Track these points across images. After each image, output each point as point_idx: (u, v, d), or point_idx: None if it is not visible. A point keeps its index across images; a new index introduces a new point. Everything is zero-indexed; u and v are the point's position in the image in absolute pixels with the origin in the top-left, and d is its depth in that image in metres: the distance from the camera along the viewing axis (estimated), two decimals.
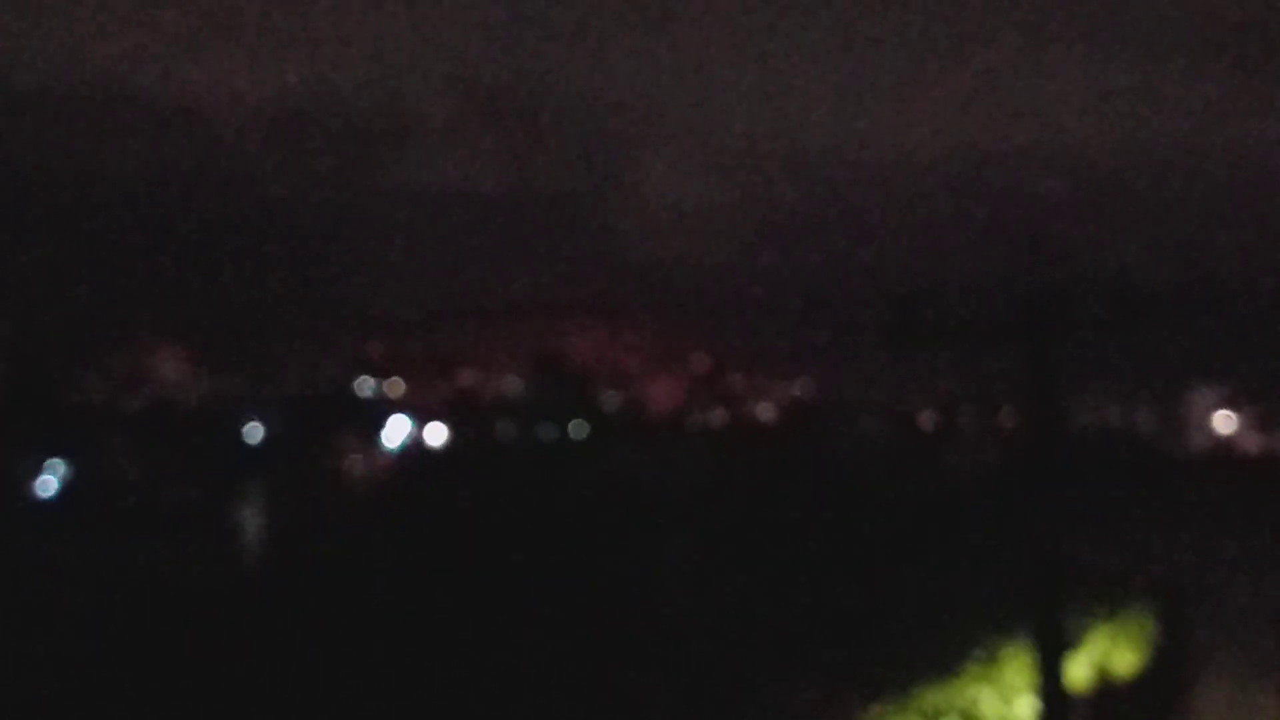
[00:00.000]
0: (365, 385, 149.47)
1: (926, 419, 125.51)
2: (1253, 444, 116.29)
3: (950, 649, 16.68)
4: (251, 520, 36.27)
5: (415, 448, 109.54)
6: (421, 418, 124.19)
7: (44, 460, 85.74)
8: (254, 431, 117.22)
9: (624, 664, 15.54)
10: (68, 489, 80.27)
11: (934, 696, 16.53)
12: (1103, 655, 17.93)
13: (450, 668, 15.35)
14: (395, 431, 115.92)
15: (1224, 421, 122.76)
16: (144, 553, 26.72)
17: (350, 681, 15.27)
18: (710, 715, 15.38)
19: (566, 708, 14.94)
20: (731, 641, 16.06)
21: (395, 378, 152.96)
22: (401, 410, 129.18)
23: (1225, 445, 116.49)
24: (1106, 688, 18.52)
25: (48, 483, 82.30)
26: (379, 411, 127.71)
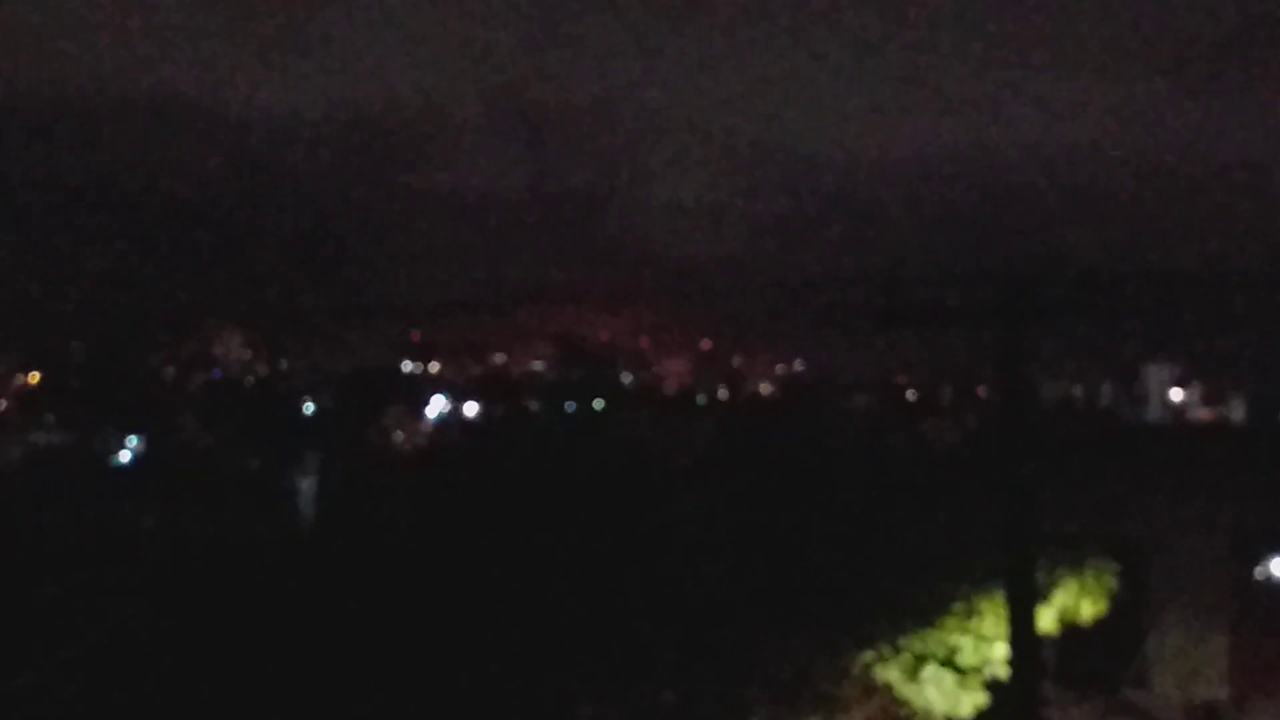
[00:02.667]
0: (408, 366, 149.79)
1: (911, 394, 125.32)
2: (1203, 415, 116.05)
3: (932, 602, 16.63)
4: (306, 485, 36.21)
5: (452, 421, 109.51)
6: (458, 395, 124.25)
7: (121, 432, 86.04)
8: (309, 407, 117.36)
9: (636, 612, 15.49)
10: (141, 458, 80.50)
11: (918, 644, 16.50)
12: (1069, 605, 17.87)
13: (481, 611, 15.33)
14: (434, 407, 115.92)
15: (1177, 395, 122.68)
16: (209, 515, 26.74)
17: (394, 619, 15.30)
18: (716, 661, 15.34)
19: (586, 649, 14.92)
20: (735, 594, 16.01)
21: (434, 360, 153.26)
22: (440, 389, 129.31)
23: (1178, 416, 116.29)
24: (1073, 634, 18.48)
25: (124, 451, 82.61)
26: (420, 389, 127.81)
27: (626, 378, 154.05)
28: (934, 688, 16.45)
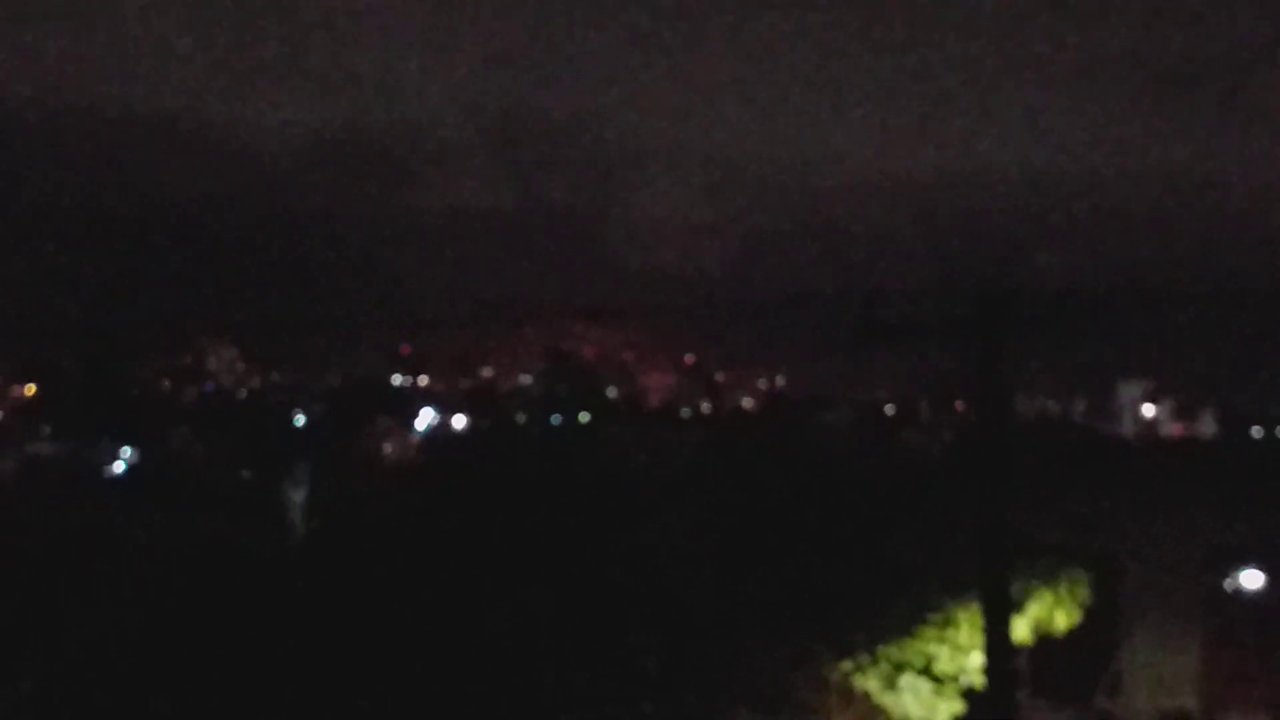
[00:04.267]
0: (398, 379, 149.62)
1: (890, 408, 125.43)
2: (1174, 430, 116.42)
3: (910, 612, 16.64)
4: (298, 496, 36.10)
5: (441, 433, 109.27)
6: (446, 408, 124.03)
7: (115, 443, 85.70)
8: (300, 419, 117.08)
9: (623, 623, 15.47)
10: (136, 468, 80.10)
11: (896, 653, 16.51)
12: (1043, 615, 17.90)
13: (471, 622, 15.30)
14: (423, 420, 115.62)
15: (1150, 411, 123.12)
16: (202, 524, 26.65)
17: (382, 628, 15.28)
18: (697, 670, 15.32)
19: (567, 658, 14.89)
20: (717, 604, 16.00)
21: (424, 374, 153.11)
22: (429, 401, 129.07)
23: (1151, 431, 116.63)
24: (1047, 643, 18.50)
25: (118, 462, 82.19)
26: (410, 402, 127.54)
27: (612, 391, 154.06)
28: (911, 696, 16.46)
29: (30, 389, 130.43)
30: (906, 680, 16.47)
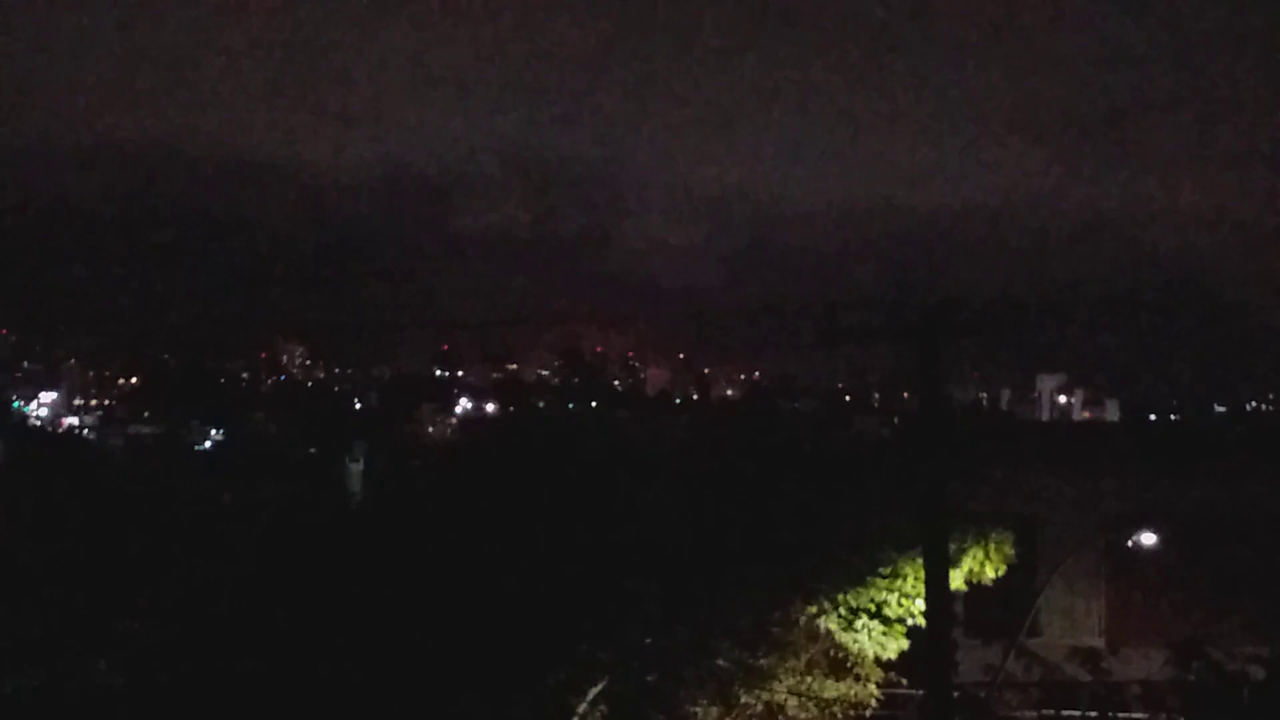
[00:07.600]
0: (439, 372, 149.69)
1: (847, 397, 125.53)
2: (1084, 415, 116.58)
3: (864, 565, 16.63)
4: (355, 468, 36.04)
5: (475, 417, 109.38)
6: (479, 396, 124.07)
7: (205, 424, 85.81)
8: (357, 404, 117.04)
9: (626, 572, 15.46)
10: (221, 445, 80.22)
11: (853, 599, 16.51)
12: (975, 567, 17.88)
13: (497, 570, 15.28)
14: (460, 406, 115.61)
15: (1063, 400, 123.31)
16: (275, 491, 26.61)
17: (426, 571, 15.28)
18: (688, 614, 15.32)
19: (582, 602, 14.88)
20: (705, 557, 15.98)
21: (460, 368, 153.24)
22: (464, 391, 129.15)
23: (1064, 416, 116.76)
24: (978, 591, 18.49)
25: (207, 441, 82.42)
26: (449, 391, 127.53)
27: (617, 382, 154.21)
28: (866, 635, 16.50)
29: (134, 380, 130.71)
30: (862, 622, 16.50)
